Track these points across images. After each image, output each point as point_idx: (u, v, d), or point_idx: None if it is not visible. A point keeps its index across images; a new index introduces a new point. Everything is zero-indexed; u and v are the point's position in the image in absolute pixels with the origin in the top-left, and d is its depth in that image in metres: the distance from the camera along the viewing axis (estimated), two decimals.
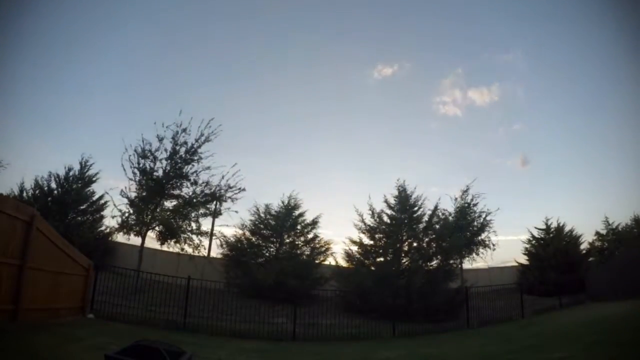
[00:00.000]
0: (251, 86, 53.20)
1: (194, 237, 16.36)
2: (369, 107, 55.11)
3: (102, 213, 20.06)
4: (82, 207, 19.59)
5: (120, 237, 17.16)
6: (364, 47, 52.01)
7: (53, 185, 19.18)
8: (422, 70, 52.22)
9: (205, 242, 17.74)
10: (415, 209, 17.28)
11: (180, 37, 50.27)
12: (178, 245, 16.10)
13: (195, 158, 16.24)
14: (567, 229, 22.02)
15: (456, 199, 21.77)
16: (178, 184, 16.30)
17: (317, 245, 18.85)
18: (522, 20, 45.41)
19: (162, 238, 16.05)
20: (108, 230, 19.61)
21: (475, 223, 21.20)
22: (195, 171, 16.34)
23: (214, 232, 18.89)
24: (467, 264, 21.70)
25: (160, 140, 15.81)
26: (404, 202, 17.27)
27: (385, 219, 17.38)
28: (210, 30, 51.10)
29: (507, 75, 50.70)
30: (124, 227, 15.47)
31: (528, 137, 51.83)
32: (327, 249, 18.79)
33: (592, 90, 48.57)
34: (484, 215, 21.43)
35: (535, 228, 22.82)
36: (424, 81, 54.03)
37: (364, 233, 17.50)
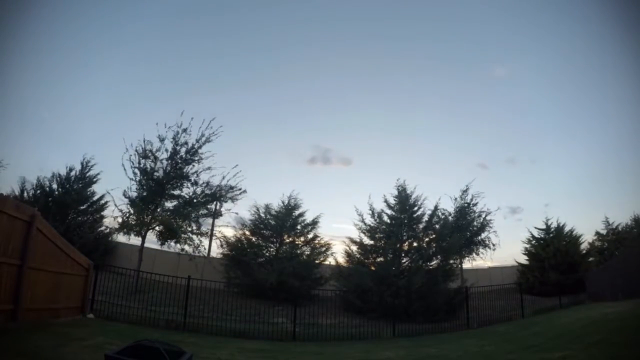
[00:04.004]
0: (251, 85, 53.20)
1: (194, 237, 16.37)
2: (369, 105, 55.15)
3: (102, 213, 20.11)
4: (82, 207, 19.61)
5: (120, 237, 17.20)
6: (364, 42, 52.03)
7: (54, 185, 19.22)
8: (421, 67, 52.17)
9: (206, 242, 17.78)
10: (415, 209, 17.30)
11: (181, 37, 50.31)
12: (178, 245, 16.11)
13: (196, 158, 16.26)
14: (567, 229, 22.05)
15: (456, 199, 21.79)
16: (178, 184, 16.31)
17: (317, 245, 18.87)
18: (521, 20, 45.43)
19: (162, 238, 16.05)
20: (108, 230, 19.64)
21: (475, 223, 21.21)
22: (196, 171, 16.38)
23: (214, 232, 18.93)
24: (467, 264, 21.74)
25: (162, 140, 15.84)
26: (404, 202, 17.27)
27: (385, 218, 17.39)
28: (211, 30, 51.14)
29: (507, 75, 50.74)
30: (125, 227, 15.48)
31: (528, 137, 51.87)
32: (327, 249, 18.84)
33: (592, 90, 48.63)
34: (483, 215, 21.47)
35: (535, 228, 22.86)
36: (424, 80, 54.04)
37: (364, 233, 17.53)
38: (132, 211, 15.60)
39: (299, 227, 18.96)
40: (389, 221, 17.24)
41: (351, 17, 48.96)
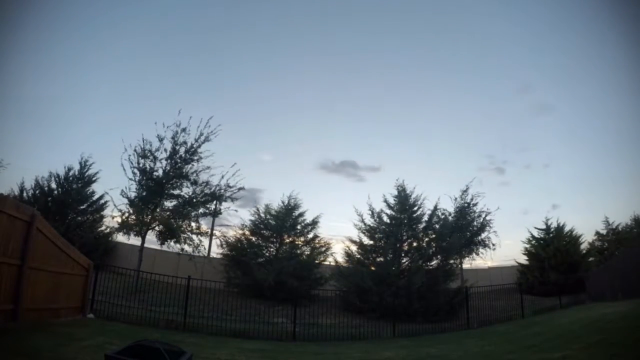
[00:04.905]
0: (251, 85, 53.20)
1: (193, 237, 16.39)
2: (368, 104, 55.15)
3: (102, 213, 20.12)
4: (82, 207, 19.62)
5: (120, 237, 17.22)
6: (364, 47, 52.00)
7: (53, 185, 19.24)
8: (421, 67, 52.16)
9: (205, 242, 17.79)
10: (415, 208, 17.31)
11: (180, 36, 50.31)
12: (178, 245, 16.13)
13: (195, 158, 16.29)
14: (567, 229, 22.05)
15: (456, 199, 21.78)
16: (178, 183, 16.33)
17: (317, 245, 18.88)
18: (521, 20, 45.43)
19: (162, 238, 16.06)
20: (108, 230, 19.66)
21: (475, 223, 21.20)
22: (195, 171, 16.41)
23: (214, 232, 18.94)
24: (467, 264, 21.74)
25: (161, 140, 15.86)
26: (404, 202, 17.28)
27: (385, 218, 17.40)
28: (210, 29, 51.14)
29: (507, 75, 50.71)
30: (124, 227, 15.49)
31: (528, 137, 51.82)
32: (327, 249, 18.85)
33: (592, 90, 48.65)
34: (483, 215, 21.46)
35: (535, 228, 22.86)
36: (424, 79, 54.01)
37: (363, 233, 17.54)
38: (131, 211, 15.61)
39: (299, 227, 18.98)
40: (388, 221, 17.25)
41: (346, 12, 48.98)
